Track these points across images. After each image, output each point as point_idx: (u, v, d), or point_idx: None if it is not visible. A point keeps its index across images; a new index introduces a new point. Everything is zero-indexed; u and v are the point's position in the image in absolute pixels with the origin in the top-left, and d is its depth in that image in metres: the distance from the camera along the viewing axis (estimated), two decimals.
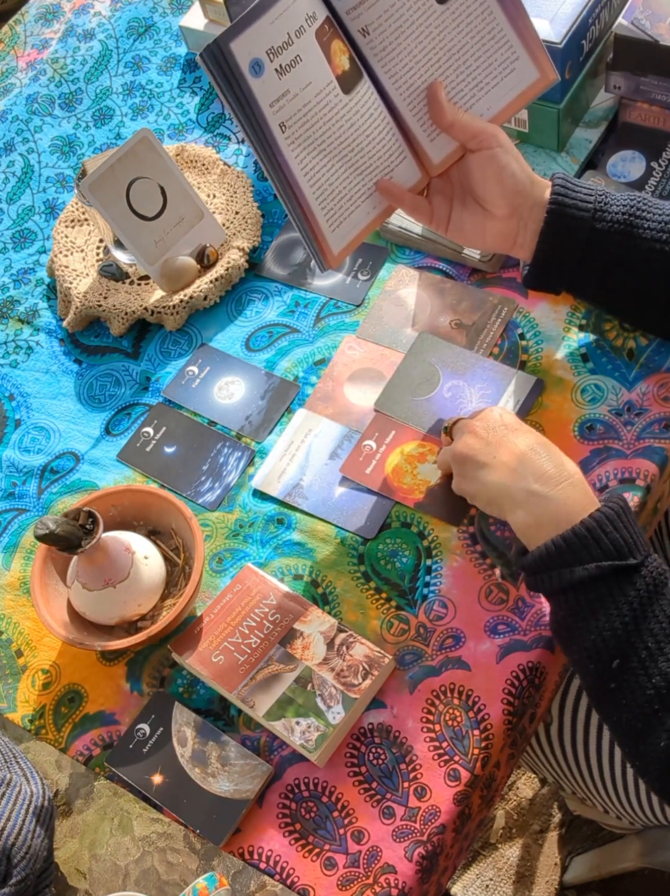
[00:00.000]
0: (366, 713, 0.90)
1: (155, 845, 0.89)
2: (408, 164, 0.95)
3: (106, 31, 1.41)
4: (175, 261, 1.14)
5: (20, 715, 0.97)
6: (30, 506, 1.08)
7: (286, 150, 0.88)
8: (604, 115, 1.16)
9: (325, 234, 0.93)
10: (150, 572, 0.95)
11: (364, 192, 0.94)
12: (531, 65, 0.94)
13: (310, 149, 0.89)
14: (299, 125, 0.88)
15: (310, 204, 0.91)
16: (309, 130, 0.89)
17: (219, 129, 1.29)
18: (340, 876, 0.85)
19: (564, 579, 0.80)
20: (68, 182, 1.30)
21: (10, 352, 1.19)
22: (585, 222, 0.91)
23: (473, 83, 0.94)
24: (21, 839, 0.82)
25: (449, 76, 0.93)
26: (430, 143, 0.95)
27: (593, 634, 0.79)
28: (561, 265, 0.95)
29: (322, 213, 0.92)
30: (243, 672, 0.91)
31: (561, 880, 1.51)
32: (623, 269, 0.93)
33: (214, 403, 1.09)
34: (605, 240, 0.92)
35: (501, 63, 0.94)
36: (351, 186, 0.93)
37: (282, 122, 0.87)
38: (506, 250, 0.97)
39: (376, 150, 0.93)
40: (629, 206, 0.92)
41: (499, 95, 0.95)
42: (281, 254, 1.17)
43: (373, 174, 0.94)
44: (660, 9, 1.05)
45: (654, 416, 0.98)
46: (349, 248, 0.96)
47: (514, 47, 0.93)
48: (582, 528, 0.80)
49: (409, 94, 0.93)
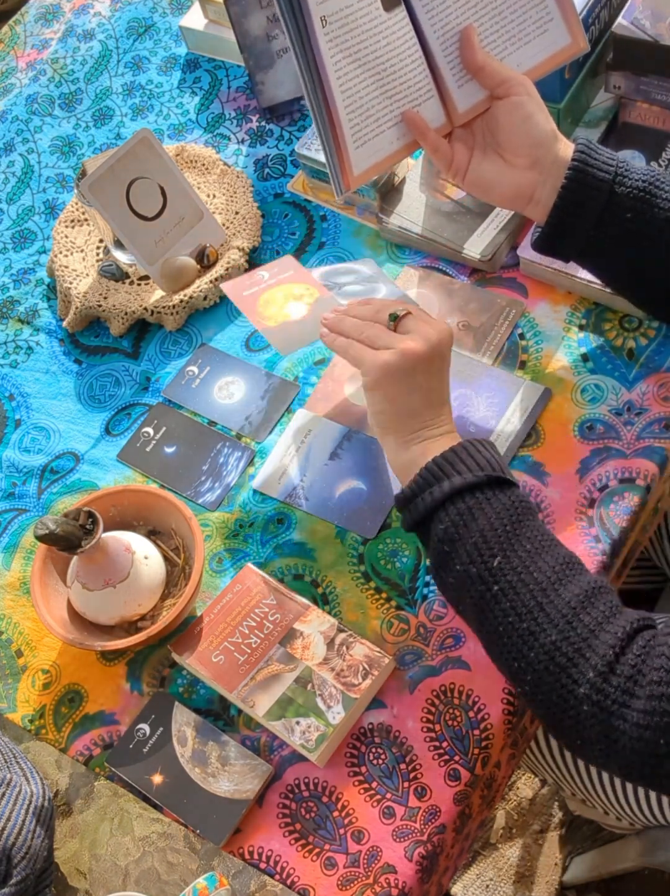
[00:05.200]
0: (366, 713, 0.90)
1: (155, 845, 0.88)
2: (434, 104, 0.96)
3: (106, 31, 1.41)
4: (175, 261, 1.14)
5: (20, 715, 0.97)
6: (30, 506, 1.08)
7: (324, 47, 0.89)
8: (604, 115, 1.16)
9: (349, 148, 0.94)
10: (150, 572, 0.95)
11: (391, 118, 0.95)
12: (564, 29, 0.97)
13: (346, 53, 0.90)
14: (339, 24, 0.89)
15: (338, 111, 0.92)
16: (348, 34, 0.90)
17: (219, 129, 1.29)
18: (340, 876, 0.85)
19: (444, 489, 0.83)
20: (68, 182, 1.30)
21: (10, 352, 1.19)
22: (606, 184, 0.90)
23: (506, 36, 0.96)
24: (21, 839, 0.82)
25: (483, 23, 0.95)
26: (458, 88, 0.96)
27: (474, 536, 0.81)
28: (577, 226, 0.93)
29: (349, 125, 0.93)
30: (243, 672, 0.91)
31: (562, 880, 1.51)
32: (637, 238, 0.92)
33: (214, 403, 1.09)
34: (623, 205, 0.91)
35: (535, 21, 0.96)
36: (379, 107, 0.94)
37: (323, 16, 0.88)
38: (521, 207, 0.96)
39: (407, 78, 0.94)
40: (649, 176, 0.91)
41: (529, 54, 0.97)
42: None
43: (401, 102, 0.95)
44: (660, 9, 1.05)
45: (654, 415, 0.98)
46: (369, 173, 0.97)
47: (550, 9, 0.96)
48: (459, 446, 0.85)
49: (443, 32, 0.94)
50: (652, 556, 1.22)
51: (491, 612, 0.80)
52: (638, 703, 0.72)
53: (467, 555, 0.81)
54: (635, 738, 0.72)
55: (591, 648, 0.75)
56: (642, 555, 1.21)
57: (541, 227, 0.95)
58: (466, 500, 0.82)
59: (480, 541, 0.81)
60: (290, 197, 1.21)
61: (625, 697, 0.73)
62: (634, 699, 0.73)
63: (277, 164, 1.24)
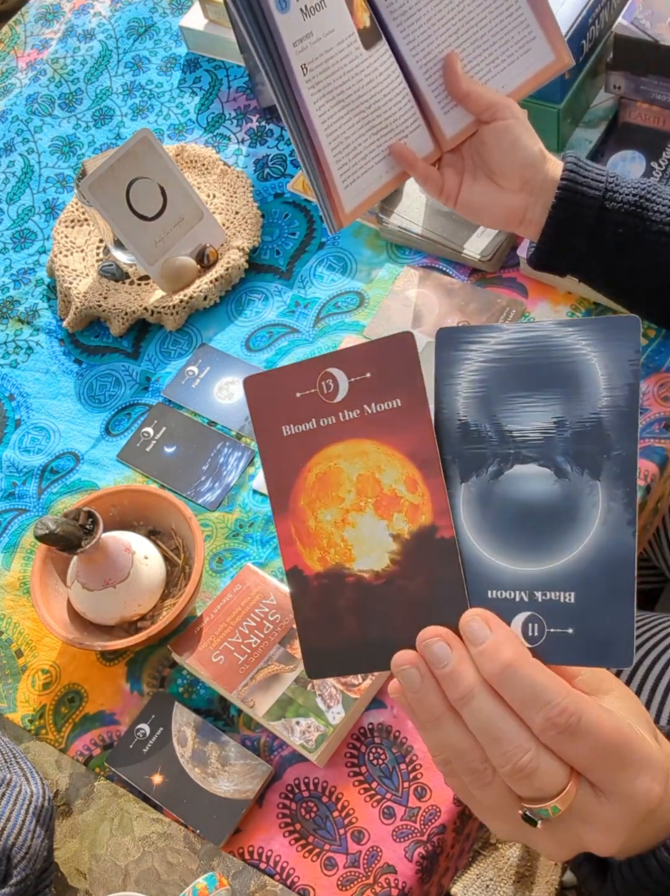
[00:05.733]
0: (366, 713, 0.90)
1: (155, 845, 0.88)
2: (421, 134, 0.96)
3: (106, 31, 1.41)
4: (175, 261, 1.14)
5: (20, 715, 0.97)
6: (30, 506, 1.08)
7: (306, 94, 0.89)
8: (604, 115, 1.16)
9: (339, 189, 0.94)
10: (150, 572, 0.95)
11: (378, 153, 0.95)
12: (547, 46, 0.96)
13: (329, 97, 0.90)
14: (320, 70, 0.89)
15: (325, 154, 0.92)
16: (329, 78, 0.90)
17: (219, 129, 1.29)
18: (340, 876, 0.85)
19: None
20: (68, 182, 1.30)
21: (10, 352, 1.19)
22: (596, 200, 0.91)
23: (489, 59, 0.95)
24: (21, 839, 0.82)
25: (465, 49, 0.94)
26: (444, 115, 0.95)
27: None
28: (569, 244, 0.93)
29: (337, 166, 0.93)
30: (243, 672, 0.91)
31: (562, 880, 1.51)
32: (630, 251, 0.92)
33: (214, 403, 1.09)
34: (615, 220, 0.91)
35: (518, 42, 0.95)
36: (366, 144, 0.94)
37: (304, 64, 0.88)
38: (513, 227, 0.96)
39: (392, 112, 0.94)
40: (639, 189, 0.91)
41: (513, 74, 0.96)
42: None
43: (388, 136, 0.95)
44: (660, 9, 1.05)
45: (654, 415, 0.98)
46: (360, 208, 0.97)
47: (532, 27, 0.95)
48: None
49: (426, 62, 0.94)
50: (651, 557, 1.22)
51: None
52: None
53: None
54: None
55: None
56: (642, 555, 1.21)
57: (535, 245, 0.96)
58: None
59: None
60: (290, 197, 1.21)
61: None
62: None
63: (277, 164, 1.24)
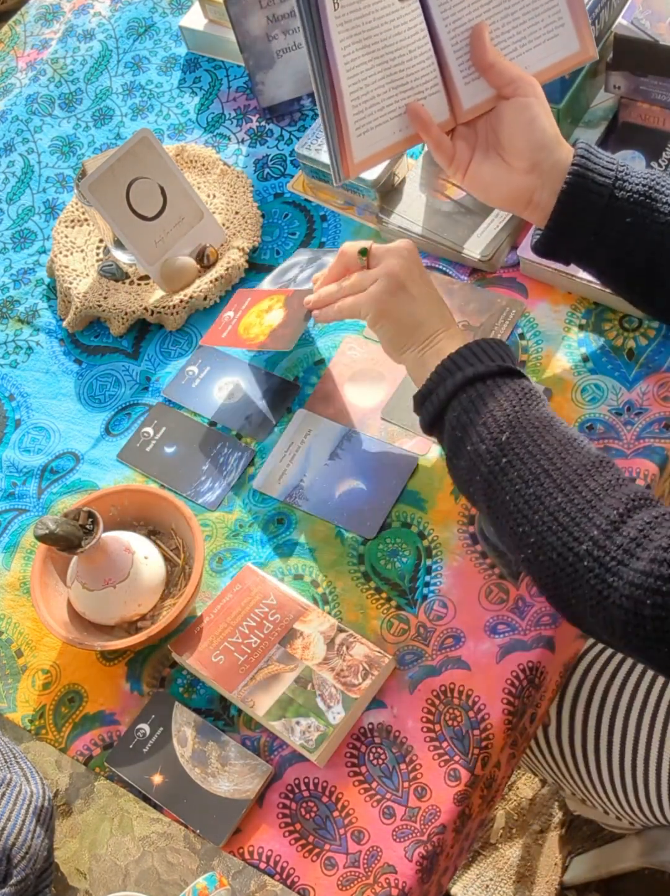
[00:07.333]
0: (366, 713, 0.90)
1: (155, 845, 0.88)
2: (439, 100, 0.96)
3: (106, 31, 1.41)
4: (175, 261, 1.14)
5: (20, 715, 0.97)
6: (30, 506, 1.08)
7: (334, 30, 0.89)
8: (604, 114, 1.16)
9: (352, 135, 0.94)
10: (150, 572, 0.95)
11: (395, 109, 0.95)
12: (574, 35, 0.97)
13: (355, 38, 0.90)
14: (351, 8, 0.89)
15: (344, 96, 0.92)
16: (359, 18, 0.90)
17: (219, 129, 1.29)
18: (340, 876, 0.85)
19: (457, 380, 0.86)
20: (68, 182, 1.30)
21: (10, 352, 1.19)
22: (606, 188, 0.90)
23: (517, 36, 0.96)
24: (21, 839, 0.82)
25: (495, 22, 0.95)
26: (465, 85, 0.96)
27: (484, 417, 0.84)
28: (576, 230, 0.93)
29: (353, 111, 0.93)
30: (243, 672, 0.91)
31: (562, 880, 1.51)
32: (637, 242, 0.92)
33: (214, 403, 1.09)
34: (623, 209, 0.91)
35: (547, 25, 0.96)
36: (385, 97, 0.94)
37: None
38: (520, 210, 0.96)
39: (415, 70, 0.94)
40: (649, 180, 0.91)
41: (538, 57, 0.97)
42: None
43: (407, 94, 0.95)
44: (660, 9, 1.05)
45: (654, 415, 0.98)
46: (369, 161, 0.97)
47: (562, 14, 0.96)
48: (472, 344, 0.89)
49: (455, 28, 0.94)
50: None
51: (498, 485, 0.82)
52: (638, 564, 0.74)
53: (477, 434, 0.84)
54: (625, 596, 0.74)
55: (596, 510, 0.77)
56: None
57: (541, 230, 0.95)
58: (477, 388, 0.86)
59: (490, 420, 0.84)
60: (290, 197, 1.21)
61: (625, 556, 0.75)
62: (634, 559, 0.74)
63: (277, 164, 1.24)
